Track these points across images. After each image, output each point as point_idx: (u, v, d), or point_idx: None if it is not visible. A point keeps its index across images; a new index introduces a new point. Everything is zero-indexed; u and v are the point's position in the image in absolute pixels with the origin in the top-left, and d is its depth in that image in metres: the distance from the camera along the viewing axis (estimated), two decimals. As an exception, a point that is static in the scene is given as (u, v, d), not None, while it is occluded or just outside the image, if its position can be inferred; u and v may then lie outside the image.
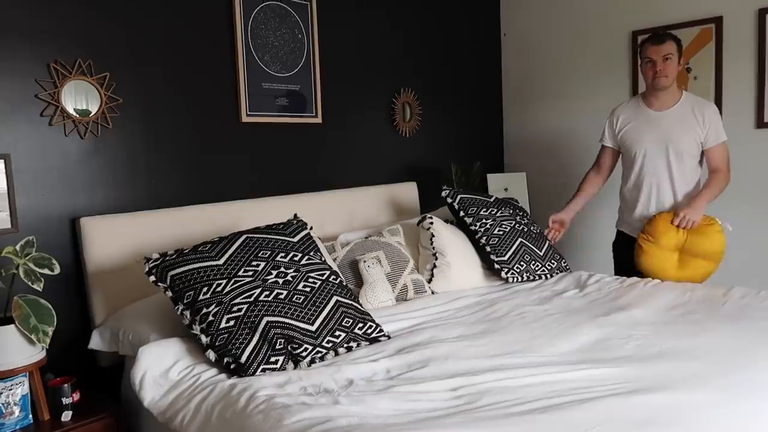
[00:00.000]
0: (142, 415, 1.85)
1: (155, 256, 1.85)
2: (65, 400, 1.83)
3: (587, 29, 3.66)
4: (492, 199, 2.81)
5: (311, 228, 2.17)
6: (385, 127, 3.34)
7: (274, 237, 1.98)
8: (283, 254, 1.93)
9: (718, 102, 3.21)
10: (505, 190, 3.81)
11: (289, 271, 1.88)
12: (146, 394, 1.68)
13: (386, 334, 1.96)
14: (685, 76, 3.32)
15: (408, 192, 3.33)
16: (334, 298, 1.90)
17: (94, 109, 2.20)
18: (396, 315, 2.16)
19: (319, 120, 2.96)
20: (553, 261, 2.70)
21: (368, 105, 3.25)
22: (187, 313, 1.76)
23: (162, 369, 1.72)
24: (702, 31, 3.24)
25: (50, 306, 1.78)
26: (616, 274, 2.78)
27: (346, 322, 1.87)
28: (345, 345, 1.84)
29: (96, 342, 2.07)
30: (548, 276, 2.64)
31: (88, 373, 2.14)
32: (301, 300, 1.83)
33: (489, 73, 4.05)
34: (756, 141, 3.12)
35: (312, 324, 1.79)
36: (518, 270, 2.54)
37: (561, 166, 3.81)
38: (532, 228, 2.77)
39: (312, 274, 1.92)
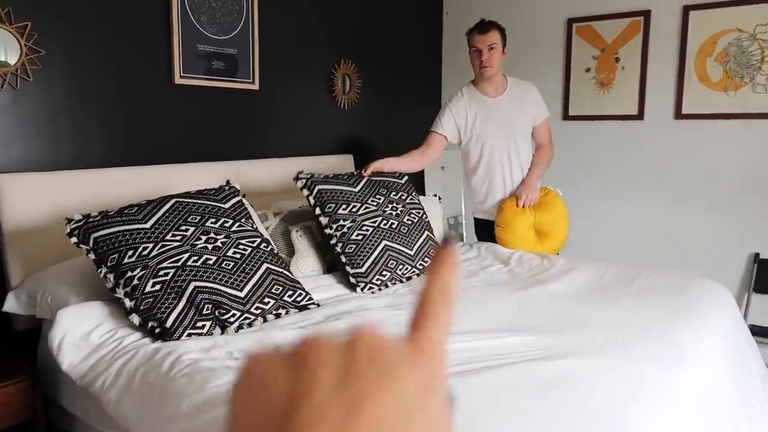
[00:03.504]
0: (59, 380, 1.81)
1: (78, 217, 1.79)
2: (-23, 363, 1.76)
3: (525, 15, 3.74)
4: (358, 189, 2.39)
5: (244, 195, 2.15)
6: (323, 97, 3.32)
7: (205, 202, 1.96)
8: (213, 220, 1.91)
9: (642, 92, 3.39)
10: (442, 168, 3.90)
11: (219, 237, 1.87)
12: (64, 357, 1.64)
13: (315, 302, 1.98)
14: (613, 65, 3.47)
15: (344, 164, 3.34)
16: (265, 266, 1.90)
17: (12, 60, 2.07)
18: (325, 284, 2.19)
19: (255, 86, 2.91)
20: (427, 258, 2.42)
21: (307, 74, 3.21)
22: (111, 276, 1.72)
23: (82, 332, 1.68)
24: (632, 22, 3.39)
25: (-39, 265, 1.70)
26: None
27: (275, 290, 1.88)
28: (274, 312, 1.85)
29: (11, 305, 1.98)
30: (419, 275, 2.37)
31: (2, 337, 2.05)
32: (231, 266, 1.82)
33: (430, 51, 4.08)
34: (674, 131, 3.32)
35: (241, 290, 1.80)
36: (377, 282, 2.20)
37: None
38: (406, 218, 2.44)
39: (243, 241, 1.92)
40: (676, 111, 3.30)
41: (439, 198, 3.00)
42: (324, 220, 2.26)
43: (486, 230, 2.91)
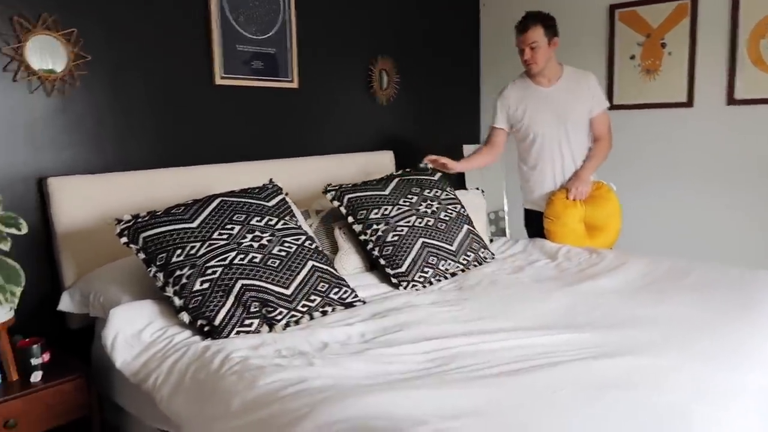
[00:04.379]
0: (113, 377, 1.84)
1: (127, 217, 1.82)
2: (35, 361, 1.81)
3: (566, 2, 3.65)
4: (388, 191, 2.38)
5: (287, 193, 2.15)
6: (361, 94, 3.31)
7: (249, 201, 1.97)
8: (258, 218, 1.92)
9: (691, 78, 3.26)
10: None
11: (264, 235, 1.87)
12: (118, 355, 1.67)
13: (361, 299, 1.97)
14: (659, 51, 3.35)
15: (384, 161, 3.32)
16: (310, 263, 1.90)
17: (60, 67, 2.12)
18: (369, 282, 2.18)
19: (295, 85, 2.91)
20: (469, 253, 2.38)
21: (345, 71, 3.20)
22: (160, 275, 1.74)
23: (134, 330, 1.71)
24: (678, 6, 3.27)
25: (18, 266, 1.74)
26: None
27: (321, 287, 1.87)
28: (320, 309, 1.85)
29: (66, 304, 2.04)
30: (464, 270, 2.34)
31: (58, 335, 2.11)
32: (276, 264, 1.83)
33: (467, 44, 4.03)
34: (727, 117, 3.19)
35: (287, 288, 1.80)
36: (421, 279, 2.18)
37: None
38: (443, 215, 2.40)
39: (287, 239, 1.92)
40: (728, 96, 3.16)
41: (482, 192, 2.95)
42: (358, 228, 2.26)
43: (535, 221, 2.85)
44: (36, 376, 1.79)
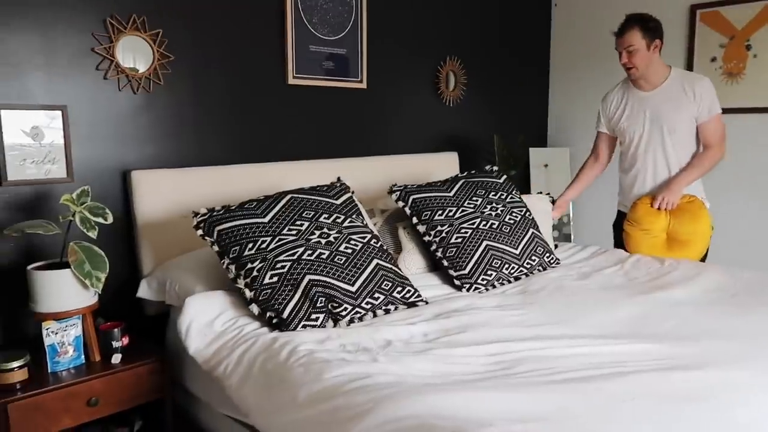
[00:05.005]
0: (185, 363, 1.93)
1: (203, 210, 1.90)
2: (115, 344, 1.92)
3: (643, 2, 3.52)
4: (453, 193, 2.37)
5: (353, 192, 2.19)
6: (429, 95, 3.32)
7: (318, 198, 2.01)
8: (326, 215, 1.96)
9: (778, 82, 3.08)
10: (545, 166, 3.77)
11: (331, 233, 1.91)
12: (191, 342, 1.75)
13: (424, 299, 1.98)
14: (743, 54, 3.19)
15: (449, 162, 3.31)
16: (375, 261, 1.93)
17: (145, 65, 2.24)
18: (432, 283, 2.19)
19: (363, 85, 2.96)
20: (534, 257, 2.36)
21: (413, 72, 3.22)
22: (233, 267, 1.81)
23: (207, 319, 1.78)
24: (765, 7, 3.10)
25: (103, 254, 1.86)
26: None
27: (385, 285, 1.90)
28: (383, 307, 1.87)
29: (144, 291, 2.15)
30: (528, 275, 2.31)
31: (135, 321, 2.23)
32: (343, 261, 1.86)
33: (537, 45, 3.96)
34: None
35: (352, 285, 1.83)
36: (483, 282, 2.16)
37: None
38: (508, 218, 2.37)
39: (354, 237, 1.95)
40: (819, 102, 2.97)
41: (551, 198, 2.88)
42: (422, 228, 2.26)
43: (621, 224, 2.77)
44: (116, 358, 1.90)
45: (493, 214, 2.36)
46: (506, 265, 2.25)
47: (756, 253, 3.22)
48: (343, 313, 1.79)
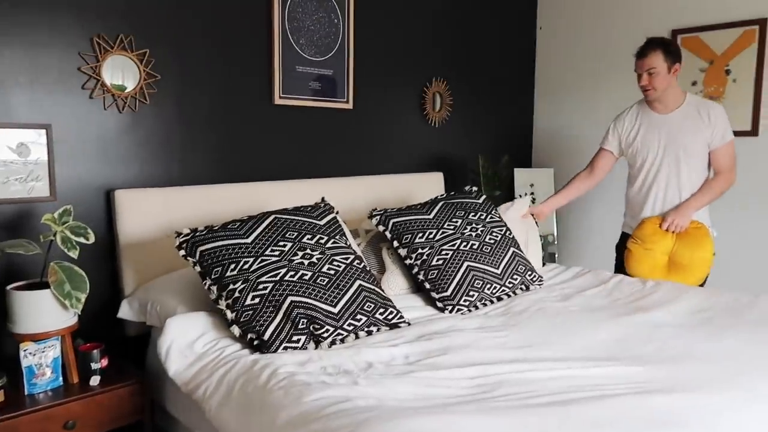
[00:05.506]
0: (166, 384, 1.91)
1: (186, 231, 1.90)
2: (94, 365, 1.90)
3: (625, 26, 3.60)
4: (432, 215, 2.38)
5: (338, 212, 2.20)
6: (414, 115, 3.35)
7: (302, 219, 2.02)
8: (309, 236, 1.96)
9: (757, 106, 3.15)
10: (531, 186, 3.80)
11: (314, 253, 1.92)
12: (171, 364, 1.73)
13: (406, 320, 1.98)
14: (723, 78, 3.26)
15: (434, 182, 3.34)
16: (357, 282, 1.93)
17: (130, 84, 2.24)
18: (415, 304, 2.19)
19: (350, 105, 2.98)
20: (515, 276, 2.37)
21: (399, 93, 3.25)
22: (214, 288, 1.81)
23: (188, 341, 1.77)
24: (744, 32, 3.17)
25: (84, 274, 1.84)
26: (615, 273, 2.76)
27: (367, 307, 1.89)
28: (365, 329, 1.87)
29: (125, 311, 2.13)
30: (510, 295, 2.33)
31: (115, 341, 2.20)
32: (325, 282, 1.86)
33: (522, 67, 4.02)
34: (793, 148, 3.05)
35: (334, 306, 1.83)
36: (466, 303, 2.17)
37: (590, 164, 3.77)
38: (488, 238, 2.39)
39: (337, 258, 1.95)
40: (796, 126, 3.04)
41: (533, 198, 2.87)
42: (403, 252, 2.27)
43: (623, 245, 2.78)
44: (95, 380, 1.87)
45: (473, 234, 2.38)
46: (488, 285, 2.26)
47: (734, 274, 3.26)
48: (325, 335, 1.78)
